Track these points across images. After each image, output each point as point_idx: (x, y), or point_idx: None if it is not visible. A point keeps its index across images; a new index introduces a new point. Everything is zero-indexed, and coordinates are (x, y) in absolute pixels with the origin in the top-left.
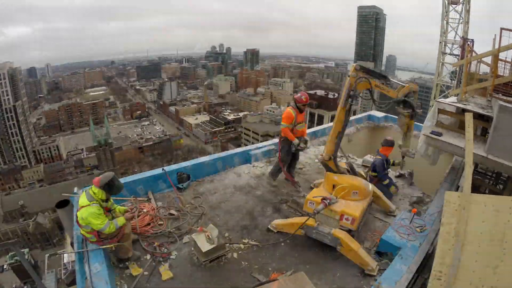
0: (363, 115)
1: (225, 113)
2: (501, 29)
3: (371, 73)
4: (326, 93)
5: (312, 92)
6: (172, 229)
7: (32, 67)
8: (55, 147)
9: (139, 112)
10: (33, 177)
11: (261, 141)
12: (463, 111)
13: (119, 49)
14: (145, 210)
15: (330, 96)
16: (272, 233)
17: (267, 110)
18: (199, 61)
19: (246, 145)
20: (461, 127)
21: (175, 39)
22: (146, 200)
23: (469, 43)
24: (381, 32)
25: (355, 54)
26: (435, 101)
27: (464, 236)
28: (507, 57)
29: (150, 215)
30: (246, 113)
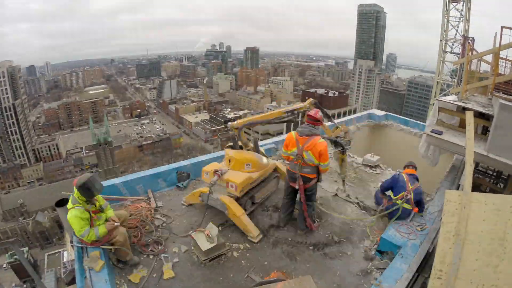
0: (363, 113)
1: (225, 112)
2: (502, 28)
3: (321, 111)
4: (326, 92)
5: (312, 90)
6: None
7: (31, 65)
8: (54, 145)
9: (139, 110)
10: (33, 176)
11: (261, 140)
12: (464, 110)
13: (123, 47)
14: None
15: (330, 94)
16: (272, 232)
17: (267, 108)
18: (199, 59)
19: None
20: (461, 125)
21: (175, 37)
22: (145, 199)
23: (469, 41)
24: (381, 30)
25: (355, 52)
26: (436, 99)
27: (464, 235)
28: (507, 56)
29: (140, 218)
30: (246, 111)
